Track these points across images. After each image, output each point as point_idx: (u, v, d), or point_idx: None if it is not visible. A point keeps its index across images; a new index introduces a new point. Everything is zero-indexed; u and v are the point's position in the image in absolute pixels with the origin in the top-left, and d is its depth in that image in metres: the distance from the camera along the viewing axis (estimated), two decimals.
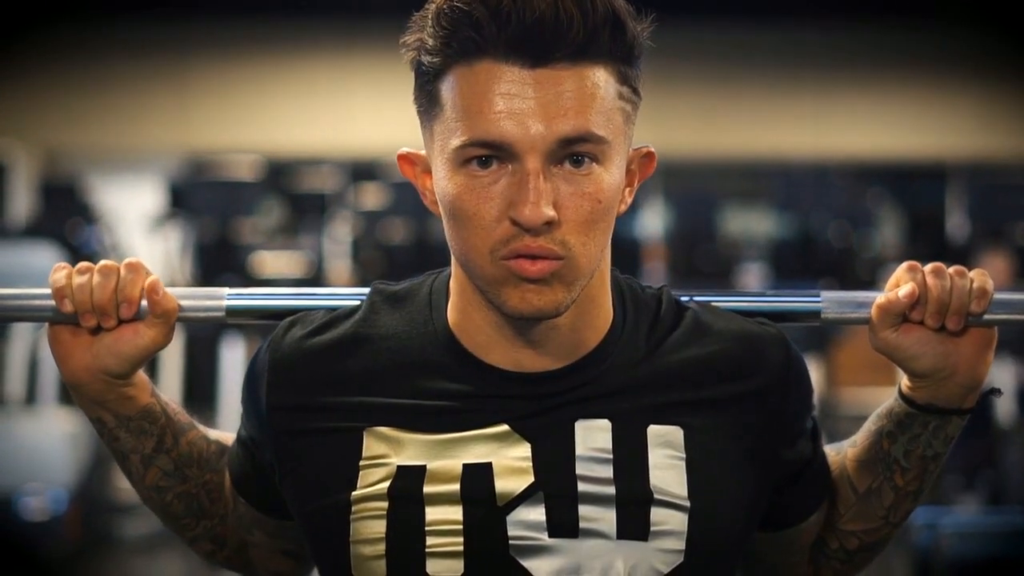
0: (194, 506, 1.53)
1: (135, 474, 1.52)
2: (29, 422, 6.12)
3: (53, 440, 5.98)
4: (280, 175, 10.02)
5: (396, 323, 1.43)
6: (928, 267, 1.41)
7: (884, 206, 10.72)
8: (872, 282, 7.82)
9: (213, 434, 1.55)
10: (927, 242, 10.08)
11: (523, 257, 1.30)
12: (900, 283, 1.41)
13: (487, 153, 1.30)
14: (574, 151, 1.30)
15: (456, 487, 1.36)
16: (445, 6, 1.30)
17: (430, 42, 1.31)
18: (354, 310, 1.45)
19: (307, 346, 1.43)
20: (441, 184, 1.33)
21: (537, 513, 1.35)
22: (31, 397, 6.22)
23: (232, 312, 1.50)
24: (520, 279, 1.30)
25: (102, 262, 1.44)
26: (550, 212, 1.28)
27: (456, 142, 1.30)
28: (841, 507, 1.51)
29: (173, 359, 7.18)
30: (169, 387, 6.97)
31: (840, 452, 1.51)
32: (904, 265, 1.42)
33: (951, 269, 1.41)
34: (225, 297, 1.50)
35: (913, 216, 11.03)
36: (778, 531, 1.49)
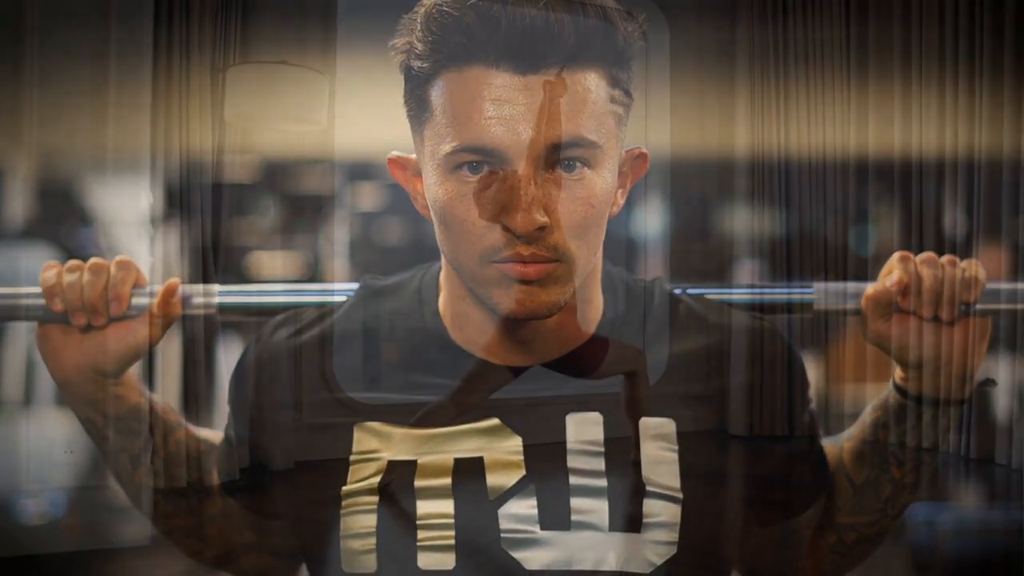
0: (181, 505, 1.53)
1: (123, 473, 1.51)
2: (27, 423, 6.10)
3: (51, 441, 5.97)
4: (276, 176, 10.01)
5: (385, 318, 1.42)
6: (920, 257, 1.40)
7: (882, 202, 10.71)
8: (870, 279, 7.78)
9: (202, 433, 1.55)
10: (925, 238, 10.06)
11: (516, 261, 1.29)
12: (891, 272, 1.41)
13: (478, 159, 1.29)
14: (565, 156, 1.29)
15: (447, 481, 1.35)
16: (435, 11, 1.29)
17: (420, 47, 1.30)
18: (342, 305, 1.45)
19: (295, 343, 1.43)
20: (432, 189, 1.32)
21: (529, 506, 1.34)
22: (29, 398, 6.20)
23: (224, 309, 1.50)
24: (512, 280, 1.29)
25: (92, 260, 1.44)
26: (542, 218, 1.27)
27: (447, 148, 1.29)
28: (839, 500, 1.50)
29: (170, 360, 7.16)
30: (166, 388, 6.95)
31: (837, 445, 1.51)
32: (896, 255, 1.41)
33: (943, 259, 1.40)
34: (217, 294, 1.49)
35: (911, 212, 11.02)
36: (775, 524, 1.48)
